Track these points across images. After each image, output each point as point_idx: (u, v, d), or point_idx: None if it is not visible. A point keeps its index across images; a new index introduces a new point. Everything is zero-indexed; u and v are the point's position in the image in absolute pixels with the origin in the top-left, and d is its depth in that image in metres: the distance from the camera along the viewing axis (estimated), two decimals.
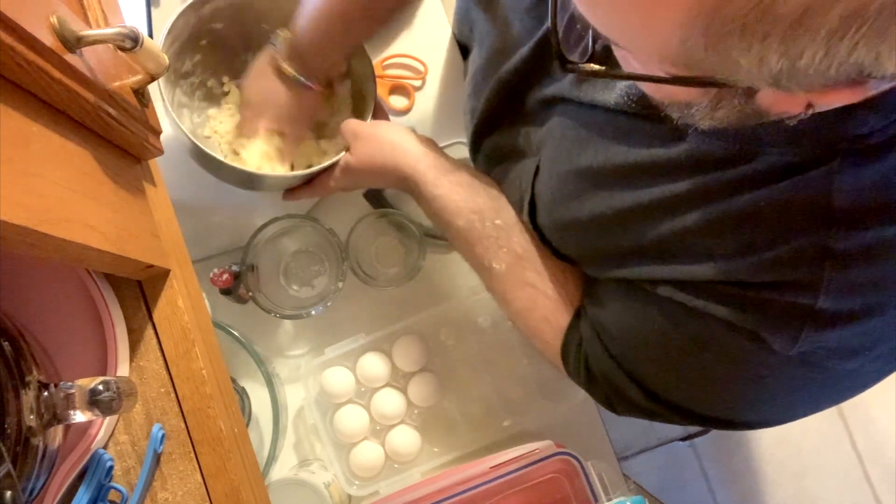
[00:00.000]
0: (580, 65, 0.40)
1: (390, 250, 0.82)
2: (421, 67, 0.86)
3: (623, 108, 0.52)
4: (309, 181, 0.73)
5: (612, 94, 0.54)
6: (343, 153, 0.70)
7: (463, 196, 0.65)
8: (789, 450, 1.51)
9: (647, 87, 0.45)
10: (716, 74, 0.32)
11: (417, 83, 0.86)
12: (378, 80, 0.85)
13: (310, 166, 0.72)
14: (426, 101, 0.86)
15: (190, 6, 0.68)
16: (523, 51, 0.64)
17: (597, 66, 0.40)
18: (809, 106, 0.34)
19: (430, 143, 0.69)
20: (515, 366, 0.80)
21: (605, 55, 0.40)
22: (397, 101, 0.86)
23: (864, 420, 1.51)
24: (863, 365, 0.46)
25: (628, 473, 0.88)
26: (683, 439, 1.49)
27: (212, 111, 0.78)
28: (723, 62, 0.31)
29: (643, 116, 0.51)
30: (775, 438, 1.52)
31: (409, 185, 0.68)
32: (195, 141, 0.65)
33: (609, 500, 0.70)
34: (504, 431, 0.79)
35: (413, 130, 0.84)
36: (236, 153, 0.76)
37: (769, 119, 0.38)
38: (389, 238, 0.82)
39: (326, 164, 0.70)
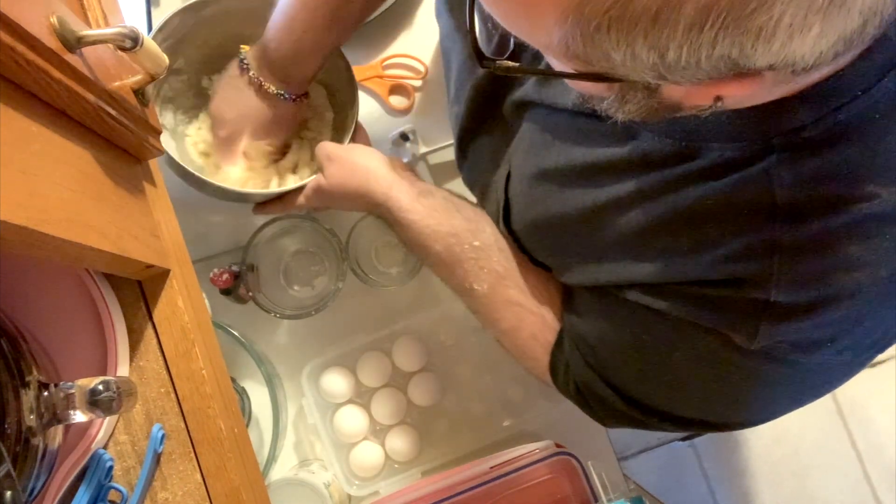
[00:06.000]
0: (497, 62, 0.41)
1: (390, 250, 0.82)
2: (421, 67, 0.86)
3: (580, 109, 0.53)
4: (281, 196, 0.73)
5: (570, 96, 0.54)
6: (318, 173, 0.70)
7: (438, 220, 0.64)
8: (789, 449, 1.51)
9: (567, 82, 0.46)
10: (604, 70, 0.33)
11: (417, 83, 0.86)
12: (378, 79, 0.85)
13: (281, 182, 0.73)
14: (426, 101, 0.86)
15: (188, 7, 0.68)
16: None
17: (510, 63, 0.41)
18: (718, 98, 0.35)
19: (403, 167, 0.68)
20: (515, 366, 0.80)
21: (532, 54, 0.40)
22: (397, 101, 0.86)
23: (864, 420, 1.51)
24: (828, 359, 0.46)
25: (628, 473, 0.88)
26: (683, 439, 1.49)
27: (192, 126, 0.78)
28: (602, 57, 0.32)
29: (598, 117, 0.51)
30: (775, 438, 1.52)
31: (381, 211, 0.67)
32: (180, 161, 0.66)
33: (609, 500, 0.70)
34: (504, 431, 0.79)
35: (411, 133, 0.84)
36: (218, 166, 0.76)
37: (685, 113, 0.39)
38: (389, 238, 0.82)
39: (305, 181, 0.70)
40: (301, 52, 0.66)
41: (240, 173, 0.75)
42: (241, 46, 0.69)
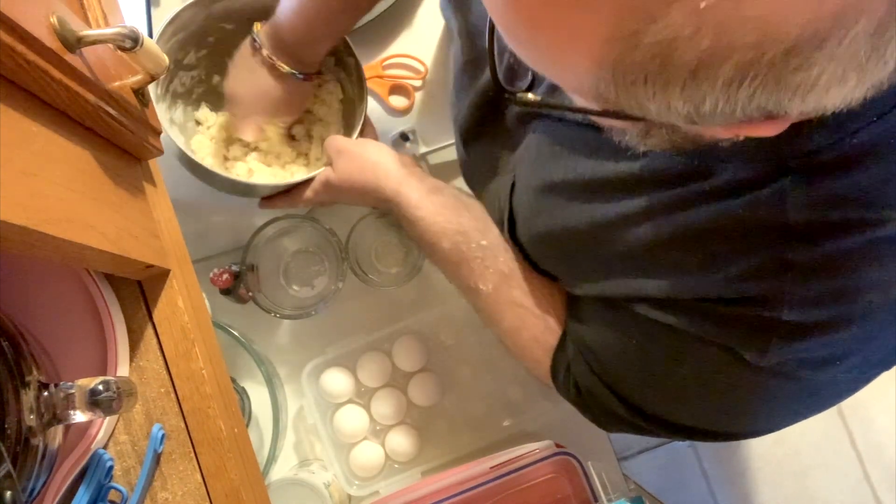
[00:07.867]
0: (517, 95, 0.41)
1: (390, 250, 0.82)
2: (421, 67, 0.86)
3: (589, 122, 0.53)
4: (288, 190, 0.73)
5: None
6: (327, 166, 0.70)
7: (447, 217, 0.64)
8: (789, 450, 1.51)
9: (590, 117, 0.46)
10: (634, 112, 0.33)
11: (417, 83, 0.86)
12: (378, 79, 0.85)
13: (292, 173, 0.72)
14: (426, 101, 0.86)
15: (199, 1, 0.68)
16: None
17: (531, 97, 0.41)
18: (738, 134, 0.35)
19: (412, 163, 0.68)
20: (515, 366, 0.80)
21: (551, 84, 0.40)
22: (397, 101, 0.86)
23: (864, 420, 1.51)
24: (836, 375, 0.46)
25: (628, 473, 0.88)
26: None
27: (203, 113, 0.78)
28: (634, 104, 0.32)
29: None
30: (775, 439, 1.52)
31: (391, 206, 0.67)
32: (186, 150, 0.66)
33: (609, 500, 0.70)
34: (504, 431, 0.79)
35: (411, 133, 0.83)
36: (227, 158, 0.76)
37: (705, 143, 0.39)
38: (389, 238, 0.82)
39: (314, 173, 0.70)
40: (314, 35, 0.67)
41: (249, 164, 0.75)
42: (255, 25, 0.69)
